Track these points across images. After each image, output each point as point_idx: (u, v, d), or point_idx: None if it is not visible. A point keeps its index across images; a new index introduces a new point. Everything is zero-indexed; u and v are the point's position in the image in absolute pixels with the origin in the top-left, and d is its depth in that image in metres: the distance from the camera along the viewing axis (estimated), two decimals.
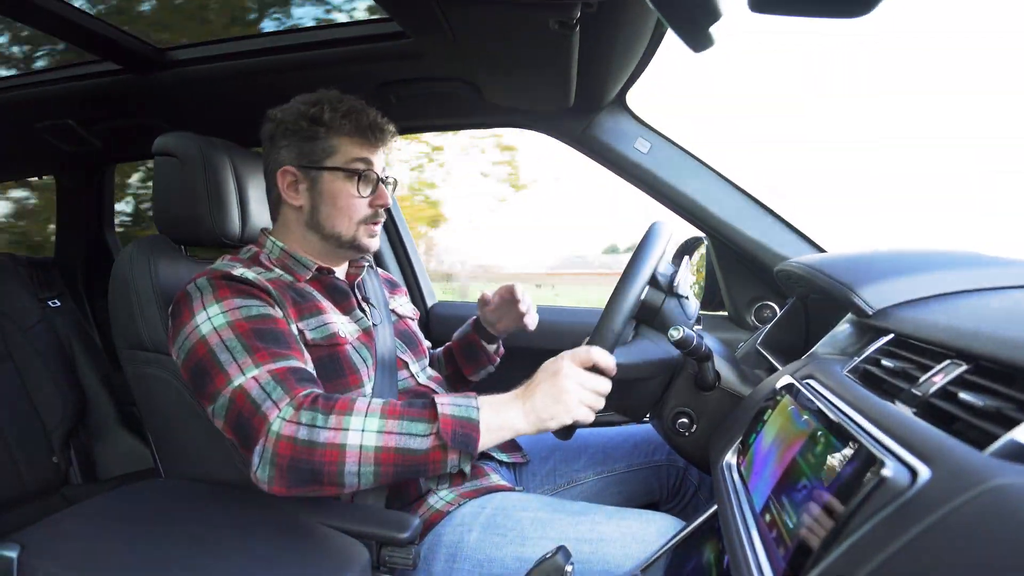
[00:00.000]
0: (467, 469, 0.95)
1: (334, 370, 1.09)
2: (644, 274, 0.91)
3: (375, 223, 1.20)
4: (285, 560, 0.84)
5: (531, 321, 1.35)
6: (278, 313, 1.05)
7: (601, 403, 0.94)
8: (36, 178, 2.44)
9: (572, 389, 0.91)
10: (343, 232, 1.17)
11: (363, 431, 0.89)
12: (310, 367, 1.03)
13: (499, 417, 0.92)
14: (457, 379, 1.48)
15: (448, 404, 0.92)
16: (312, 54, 1.47)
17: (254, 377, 0.94)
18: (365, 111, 1.16)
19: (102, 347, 2.23)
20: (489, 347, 1.46)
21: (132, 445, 2.07)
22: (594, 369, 0.93)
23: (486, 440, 0.91)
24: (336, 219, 1.16)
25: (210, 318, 1.00)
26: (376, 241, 1.22)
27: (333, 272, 1.22)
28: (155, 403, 1.18)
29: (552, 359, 0.96)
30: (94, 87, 1.68)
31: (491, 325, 1.41)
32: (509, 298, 1.33)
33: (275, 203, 1.22)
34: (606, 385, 0.94)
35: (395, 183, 1.26)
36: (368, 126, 1.15)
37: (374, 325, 1.22)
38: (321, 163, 1.15)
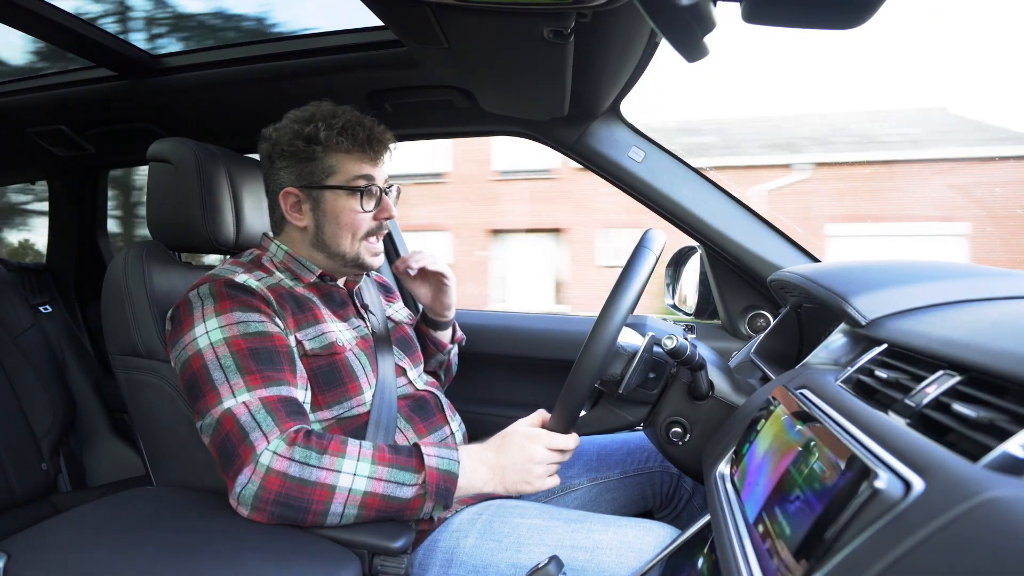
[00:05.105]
0: (436, 517, 1.03)
1: (334, 378, 1.09)
2: (592, 371, 0.91)
3: (377, 237, 1.19)
4: (276, 569, 0.83)
5: (439, 277, 1.36)
6: (276, 327, 1.05)
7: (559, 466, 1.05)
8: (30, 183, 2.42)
9: (540, 472, 1.01)
10: (347, 250, 1.17)
11: (355, 475, 0.92)
12: (301, 392, 1.03)
13: (471, 480, 0.99)
14: None
15: (434, 456, 0.97)
16: (307, 62, 1.47)
17: (245, 403, 0.95)
18: (361, 124, 1.14)
19: (93, 353, 2.21)
20: (438, 335, 1.45)
21: (122, 452, 2.05)
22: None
23: (457, 495, 0.97)
24: (340, 237, 1.16)
25: (208, 332, 1.00)
26: (379, 259, 1.22)
27: (334, 279, 1.22)
28: (147, 410, 1.17)
29: (523, 433, 1.02)
30: (88, 92, 1.67)
31: (426, 306, 1.43)
32: (412, 263, 1.33)
33: (278, 221, 1.22)
34: (568, 456, 1.04)
35: (398, 191, 1.25)
36: (366, 140, 1.14)
37: (373, 332, 1.22)
38: (322, 183, 1.14)
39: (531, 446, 1.00)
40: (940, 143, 12.58)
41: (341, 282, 1.25)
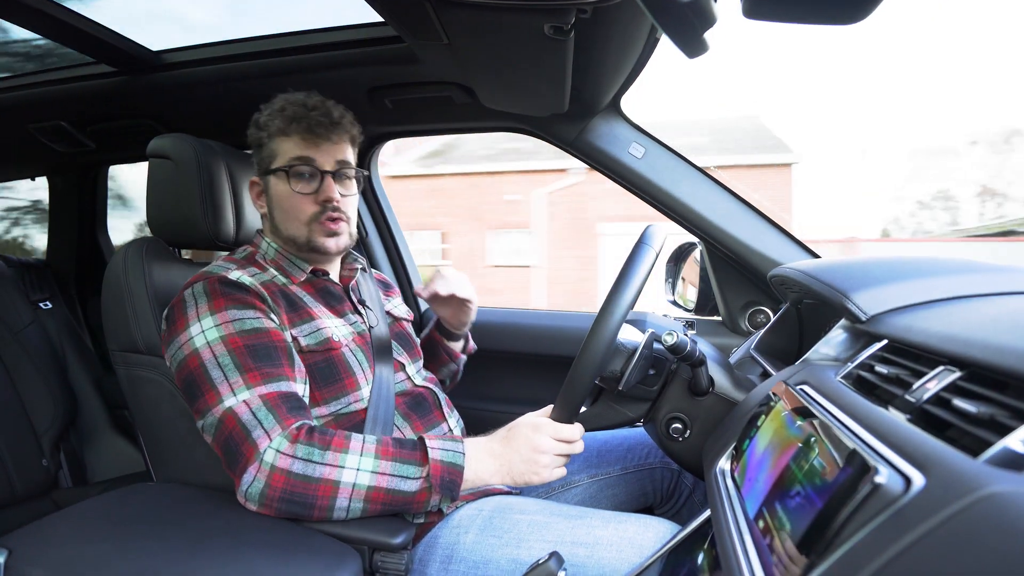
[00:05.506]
0: (445, 508, 1.03)
1: (331, 374, 1.09)
2: (592, 368, 0.91)
3: (330, 220, 1.15)
4: (277, 565, 0.83)
5: (463, 300, 1.34)
6: (272, 323, 1.05)
7: (569, 459, 1.05)
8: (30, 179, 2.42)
9: (546, 462, 1.00)
10: (297, 234, 1.15)
11: (358, 470, 0.92)
12: (300, 387, 1.03)
13: (477, 472, 0.99)
14: None
15: (438, 448, 0.97)
16: (306, 58, 1.46)
17: (245, 401, 0.95)
18: (302, 105, 1.12)
19: (93, 350, 2.21)
20: (452, 345, 1.45)
21: (123, 448, 2.05)
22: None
23: (464, 488, 0.98)
24: (287, 222, 1.16)
25: (204, 331, 1.00)
26: (335, 241, 1.17)
27: (328, 274, 1.22)
28: (147, 406, 1.17)
29: (529, 424, 1.02)
30: (88, 89, 1.67)
31: (444, 320, 1.42)
32: (437, 290, 1.31)
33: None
34: (577, 448, 1.03)
35: (362, 178, 1.23)
36: (299, 118, 1.12)
37: (370, 328, 1.21)
38: (268, 168, 1.15)
39: (536, 436, 1.00)
40: (717, 151, 13.64)
41: (335, 276, 1.25)
